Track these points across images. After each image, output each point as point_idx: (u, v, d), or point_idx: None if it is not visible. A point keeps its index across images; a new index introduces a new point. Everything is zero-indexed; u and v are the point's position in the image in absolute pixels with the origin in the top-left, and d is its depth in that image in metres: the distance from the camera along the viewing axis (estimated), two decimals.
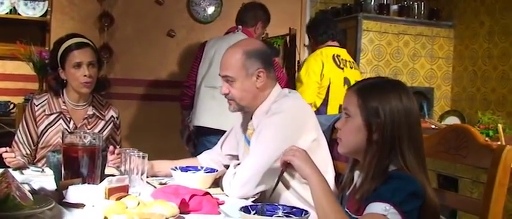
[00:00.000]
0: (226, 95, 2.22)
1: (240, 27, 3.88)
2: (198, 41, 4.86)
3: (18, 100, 3.98)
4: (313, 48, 3.93)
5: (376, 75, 4.58)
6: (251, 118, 2.25)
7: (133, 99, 4.86)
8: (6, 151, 2.33)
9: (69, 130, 2.34)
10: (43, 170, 2.36)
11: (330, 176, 2.12)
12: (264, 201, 2.04)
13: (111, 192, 1.63)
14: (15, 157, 2.35)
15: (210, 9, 4.98)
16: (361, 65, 4.48)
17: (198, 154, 2.59)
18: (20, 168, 2.39)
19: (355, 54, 4.46)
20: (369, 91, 1.62)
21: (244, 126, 2.32)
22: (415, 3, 4.75)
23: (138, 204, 1.56)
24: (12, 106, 4.02)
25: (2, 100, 4.05)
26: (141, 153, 2.03)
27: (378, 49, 4.58)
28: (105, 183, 1.66)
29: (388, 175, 1.52)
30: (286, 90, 2.29)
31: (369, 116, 1.58)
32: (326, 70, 3.68)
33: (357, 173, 1.70)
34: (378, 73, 4.60)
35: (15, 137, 2.69)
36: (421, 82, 4.84)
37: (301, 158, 1.75)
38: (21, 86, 4.37)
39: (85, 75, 2.60)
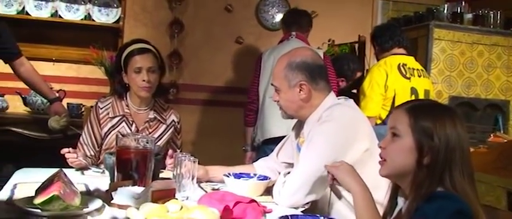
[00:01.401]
0: (277, 102, 2.25)
1: (293, 33, 3.82)
2: (266, 48, 4.87)
3: (91, 103, 4.12)
4: (377, 56, 3.82)
5: (448, 86, 4.43)
6: (303, 126, 2.23)
7: (201, 104, 4.94)
8: (69, 152, 2.42)
9: (122, 133, 2.40)
10: (103, 171, 2.42)
11: (383, 190, 2.05)
12: (315, 211, 2.01)
13: (156, 195, 1.65)
14: (76, 157, 2.44)
15: (278, 17, 4.97)
16: (433, 75, 4.33)
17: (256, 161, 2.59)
18: (82, 168, 2.48)
19: (425, 63, 4.31)
20: (422, 112, 1.52)
21: (297, 134, 2.31)
22: (491, 12, 4.54)
23: (181, 208, 1.57)
24: (83, 108, 4.17)
25: (75, 102, 4.19)
26: (192, 157, 2.05)
27: (450, 59, 4.42)
28: (151, 186, 1.69)
29: (432, 194, 1.43)
30: (342, 99, 2.25)
31: (421, 138, 1.48)
32: (390, 81, 3.54)
33: (401, 199, 1.61)
34: (450, 84, 4.44)
35: (80, 139, 2.79)
36: (497, 94, 4.62)
37: (344, 171, 1.71)
38: (94, 90, 4.54)
39: (144, 80, 2.66)
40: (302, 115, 2.23)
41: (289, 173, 2.09)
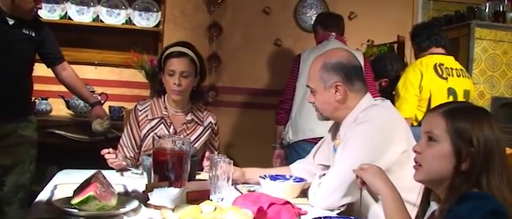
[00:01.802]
0: (312, 104, 2.25)
1: (333, 34, 3.79)
2: (304, 50, 4.87)
3: (132, 105, 4.18)
4: (416, 56, 3.76)
5: (491, 86, 4.33)
6: (339, 128, 2.21)
7: (240, 107, 4.96)
8: (108, 153, 2.47)
9: (159, 135, 2.43)
10: (142, 172, 2.46)
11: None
12: (350, 213, 1.99)
13: (190, 196, 1.67)
14: (116, 158, 2.49)
15: None
16: (474, 75, 4.24)
17: (291, 163, 2.59)
18: (122, 170, 2.53)
19: (467, 63, 4.23)
20: (459, 115, 1.47)
21: (333, 136, 2.30)
22: None
23: (215, 209, 1.58)
24: (125, 111, 4.24)
25: (117, 105, 4.27)
26: (227, 159, 2.07)
27: (492, 58, 4.32)
28: (186, 188, 1.71)
29: (465, 195, 1.39)
30: (379, 100, 2.23)
31: (459, 143, 1.44)
32: (425, 82, 3.48)
33: (433, 203, 1.57)
34: (492, 84, 4.34)
35: (120, 140, 2.85)
36: None
37: (372, 173, 1.69)
38: (135, 93, 4.61)
39: (175, 83, 2.70)
40: (338, 116, 2.22)
41: (324, 175, 2.08)
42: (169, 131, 2.77)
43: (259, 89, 4.95)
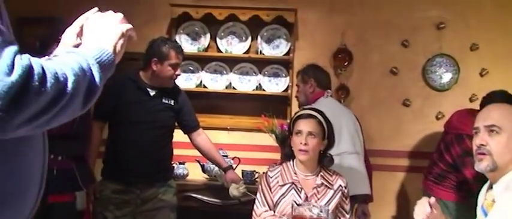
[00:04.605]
0: (480, 146, 2.03)
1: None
2: (434, 110, 4.76)
3: (263, 169, 4.29)
4: None
5: None
6: (491, 186, 2.05)
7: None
8: None
9: (297, 202, 2.48)
10: None
11: None
12: None
13: None
14: None
15: (447, 76, 4.83)
16: None
17: None
18: None
19: None
20: None
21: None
22: None
23: None
24: (257, 175, 4.37)
25: (249, 169, 4.39)
26: None
27: None
28: None
29: None
30: None
31: None
32: None
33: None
34: None
35: (254, 207, 2.91)
36: None
37: None
38: (266, 156, 4.70)
39: (301, 143, 2.77)
40: (504, 167, 1.99)
41: None
42: (300, 197, 2.81)
43: (386, 151, 4.86)
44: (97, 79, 1.16)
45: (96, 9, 1.42)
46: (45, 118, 1.06)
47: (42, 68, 1.04)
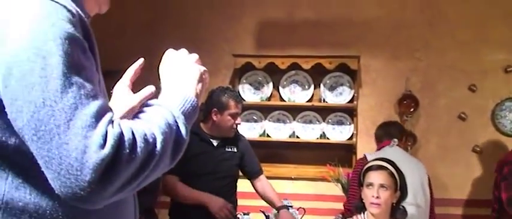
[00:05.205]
0: None
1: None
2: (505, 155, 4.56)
3: None
4: None
5: None
6: None
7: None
8: None
9: None
10: None
11: None
12: None
13: None
14: None
15: None
16: None
17: None
18: None
19: None
20: None
21: None
22: None
23: None
24: None
25: None
26: None
27: None
28: None
29: None
30: None
31: None
32: None
33: None
34: None
35: None
36: None
37: None
38: (331, 206, 4.60)
39: (373, 196, 2.69)
40: None
41: None
42: None
43: (457, 200, 4.67)
44: (183, 132, 1.12)
45: (142, 60, 1.35)
46: (137, 183, 1.04)
47: (132, 133, 1.01)
